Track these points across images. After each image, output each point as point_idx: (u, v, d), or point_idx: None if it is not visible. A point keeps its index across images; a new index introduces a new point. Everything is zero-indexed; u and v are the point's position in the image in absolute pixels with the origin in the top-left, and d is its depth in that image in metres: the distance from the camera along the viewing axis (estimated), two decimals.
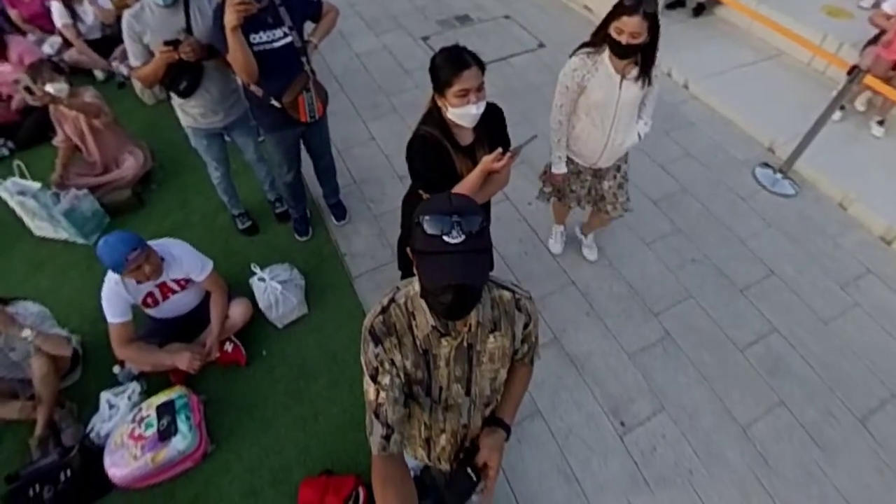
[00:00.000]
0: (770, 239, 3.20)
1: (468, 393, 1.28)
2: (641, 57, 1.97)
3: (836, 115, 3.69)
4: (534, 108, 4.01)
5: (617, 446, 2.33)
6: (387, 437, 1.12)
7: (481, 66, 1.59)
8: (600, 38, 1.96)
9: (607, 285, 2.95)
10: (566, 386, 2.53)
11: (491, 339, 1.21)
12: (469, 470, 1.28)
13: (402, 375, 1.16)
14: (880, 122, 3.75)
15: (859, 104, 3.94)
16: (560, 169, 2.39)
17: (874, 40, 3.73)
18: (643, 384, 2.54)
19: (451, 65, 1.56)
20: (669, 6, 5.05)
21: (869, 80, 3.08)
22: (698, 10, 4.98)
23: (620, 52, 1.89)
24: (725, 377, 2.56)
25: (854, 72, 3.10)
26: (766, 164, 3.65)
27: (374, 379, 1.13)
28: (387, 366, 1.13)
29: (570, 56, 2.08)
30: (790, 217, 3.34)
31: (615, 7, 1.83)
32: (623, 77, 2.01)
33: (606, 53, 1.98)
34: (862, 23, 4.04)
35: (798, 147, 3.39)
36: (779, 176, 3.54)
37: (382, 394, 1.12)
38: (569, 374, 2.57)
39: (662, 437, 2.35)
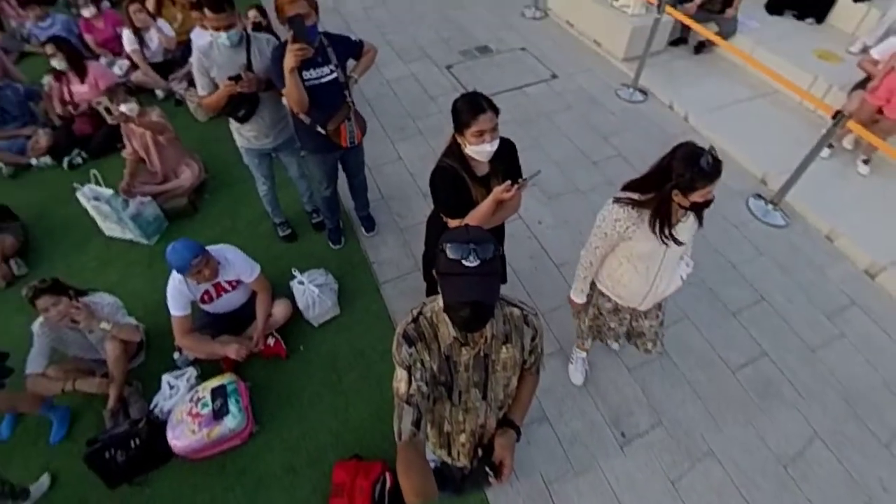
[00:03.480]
0: (761, 266, 3.24)
1: (484, 397, 1.41)
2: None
3: (825, 152, 3.72)
4: (546, 134, 4.20)
5: (617, 455, 2.40)
6: (416, 423, 1.22)
7: (496, 111, 1.72)
8: (659, 206, 1.63)
9: None
10: (571, 394, 2.61)
11: (503, 349, 1.34)
12: (486, 467, 1.42)
13: (428, 376, 1.29)
14: (866, 161, 3.76)
15: (846, 143, 3.95)
16: (579, 298, 2.13)
17: (862, 84, 3.76)
18: (642, 398, 2.60)
19: (470, 109, 1.69)
20: (672, 43, 5.15)
21: (852, 124, 3.10)
22: (699, 48, 5.09)
23: (699, 210, 1.64)
24: (718, 397, 2.60)
25: (838, 116, 3.13)
26: (758, 196, 3.69)
27: (410, 370, 1.26)
28: (418, 364, 1.27)
29: (614, 202, 1.75)
30: (780, 246, 3.37)
31: (693, 177, 1.49)
32: (674, 226, 1.71)
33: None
34: (851, 67, 4.11)
35: (788, 181, 3.44)
36: (770, 207, 3.58)
37: (414, 385, 1.24)
38: (573, 384, 2.65)
39: (659, 450, 2.42)
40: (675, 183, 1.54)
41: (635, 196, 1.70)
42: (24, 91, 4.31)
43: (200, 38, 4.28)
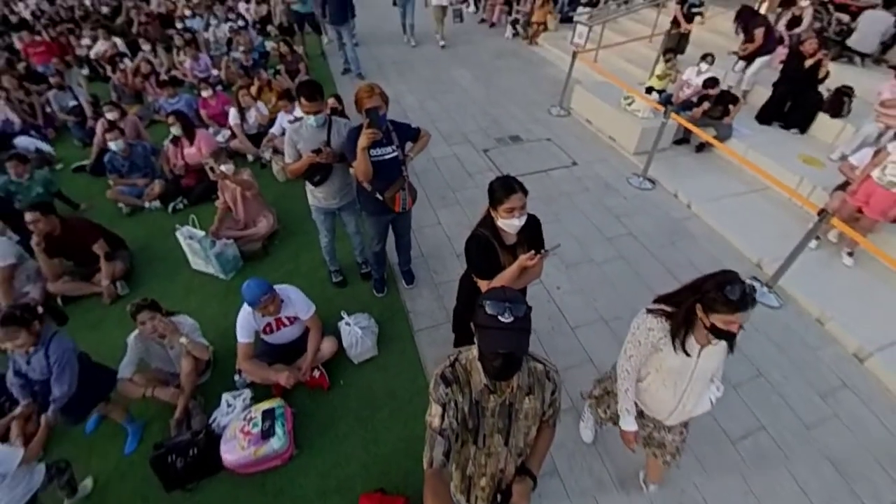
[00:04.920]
0: (759, 343, 3.10)
1: (506, 443, 1.38)
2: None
3: (813, 243, 3.65)
4: (566, 212, 4.29)
5: None
6: (447, 455, 1.22)
7: (525, 192, 1.78)
8: (683, 317, 1.53)
9: None
10: (581, 451, 2.49)
11: (527, 400, 1.33)
12: None
13: (459, 416, 1.29)
14: (850, 254, 3.66)
15: (832, 237, 3.87)
16: (629, 426, 1.82)
17: (842, 186, 3.74)
18: None
19: (504, 190, 1.76)
20: (677, 142, 5.26)
21: (835, 221, 3.08)
22: (700, 148, 5.18)
23: (718, 336, 1.47)
24: (720, 467, 2.45)
25: (822, 213, 3.11)
26: (755, 278, 3.59)
27: (444, 408, 1.26)
28: (452, 403, 1.27)
29: (648, 312, 1.64)
30: (776, 326, 3.24)
31: (716, 301, 1.40)
32: (703, 347, 1.57)
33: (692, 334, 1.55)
34: (832, 171, 4.12)
35: (781, 267, 3.37)
36: (765, 289, 3.47)
37: (447, 420, 1.24)
38: (584, 441, 2.54)
39: None
40: (700, 297, 1.46)
41: (668, 308, 1.60)
42: (149, 149, 4.76)
43: (284, 119, 4.74)
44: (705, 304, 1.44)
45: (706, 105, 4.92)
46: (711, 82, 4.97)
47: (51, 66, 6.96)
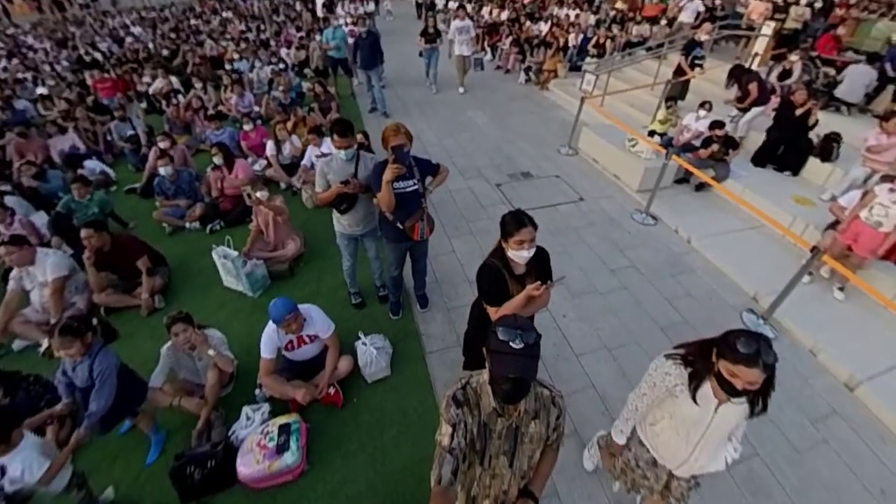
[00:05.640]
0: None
1: (511, 465, 1.35)
2: (755, 393, 1.37)
3: (806, 278, 3.60)
4: (573, 244, 4.27)
5: None
6: (454, 473, 1.19)
7: (535, 226, 1.78)
8: (701, 364, 1.41)
9: (622, 393, 2.82)
10: (581, 476, 2.41)
11: (532, 424, 1.31)
12: None
13: (468, 437, 1.26)
14: (841, 289, 3.61)
15: (824, 272, 3.80)
16: (619, 439, 1.82)
17: (833, 225, 3.73)
18: None
19: (515, 223, 1.77)
20: (677, 181, 5.24)
21: (826, 258, 3.07)
22: (699, 187, 5.15)
23: (730, 392, 1.34)
24: (715, 495, 2.33)
25: (814, 251, 3.11)
26: (751, 311, 3.53)
27: (454, 428, 1.23)
28: (461, 424, 1.24)
29: (665, 357, 1.54)
30: None
31: (727, 346, 1.30)
32: (721, 403, 1.43)
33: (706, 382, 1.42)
34: (823, 210, 4.09)
35: (775, 301, 3.31)
36: (761, 321, 3.41)
37: (456, 440, 1.22)
38: (585, 469, 2.45)
39: None
40: (717, 341, 1.37)
41: (686, 353, 1.50)
42: (194, 175, 4.95)
43: (312, 153, 4.88)
44: (719, 348, 1.35)
45: (714, 147, 4.92)
46: (718, 125, 4.99)
47: (115, 100, 7.42)
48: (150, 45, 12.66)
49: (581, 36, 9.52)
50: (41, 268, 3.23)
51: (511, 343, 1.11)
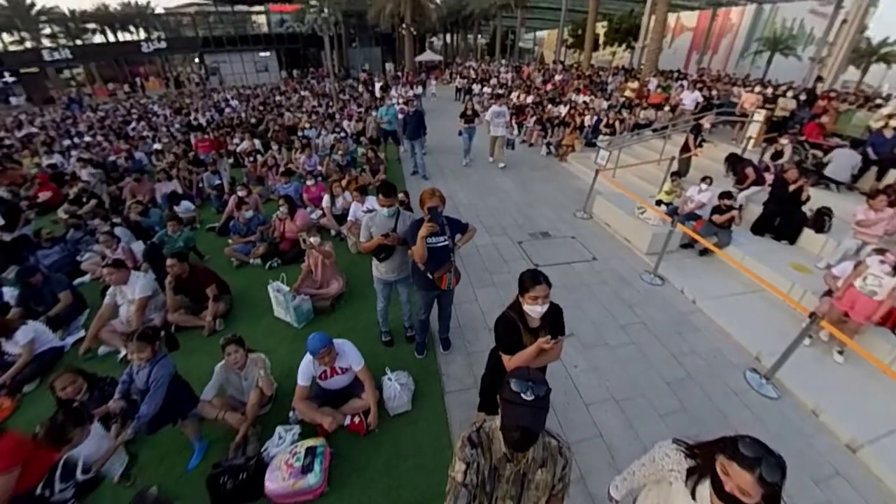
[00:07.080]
0: (758, 430, 2.74)
1: None
2: None
3: (807, 341, 3.38)
4: (585, 299, 4.18)
5: None
6: None
7: (549, 285, 1.78)
8: (704, 458, 1.24)
9: (627, 444, 2.70)
10: None
11: (539, 472, 1.27)
12: None
13: (479, 478, 1.24)
14: (840, 352, 3.36)
15: (823, 336, 3.54)
16: (613, 494, 1.66)
17: (830, 292, 3.55)
18: None
19: (531, 280, 1.78)
20: (683, 246, 5.14)
21: (824, 323, 2.96)
22: (703, 252, 5.00)
23: (719, 494, 1.16)
24: None
25: (813, 316, 2.99)
26: (754, 370, 3.31)
27: (468, 465, 1.21)
28: (474, 464, 1.23)
29: (672, 441, 1.35)
30: (774, 415, 2.94)
31: (731, 442, 1.16)
32: None
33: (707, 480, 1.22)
34: (820, 278, 3.90)
35: (777, 362, 3.11)
36: (764, 381, 3.18)
37: (469, 477, 1.20)
38: None
39: None
40: (722, 442, 1.18)
41: (692, 445, 1.33)
42: (262, 219, 5.35)
43: (358, 209, 5.14)
44: (726, 453, 1.15)
45: (734, 212, 4.86)
46: (726, 195, 4.97)
47: (209, 156, 8.31)
48: (243, 115, 14.31)
49: (595, 117, 9.96)
50: (132, 287, 3.53)
51: (522, 394, 1.11)
